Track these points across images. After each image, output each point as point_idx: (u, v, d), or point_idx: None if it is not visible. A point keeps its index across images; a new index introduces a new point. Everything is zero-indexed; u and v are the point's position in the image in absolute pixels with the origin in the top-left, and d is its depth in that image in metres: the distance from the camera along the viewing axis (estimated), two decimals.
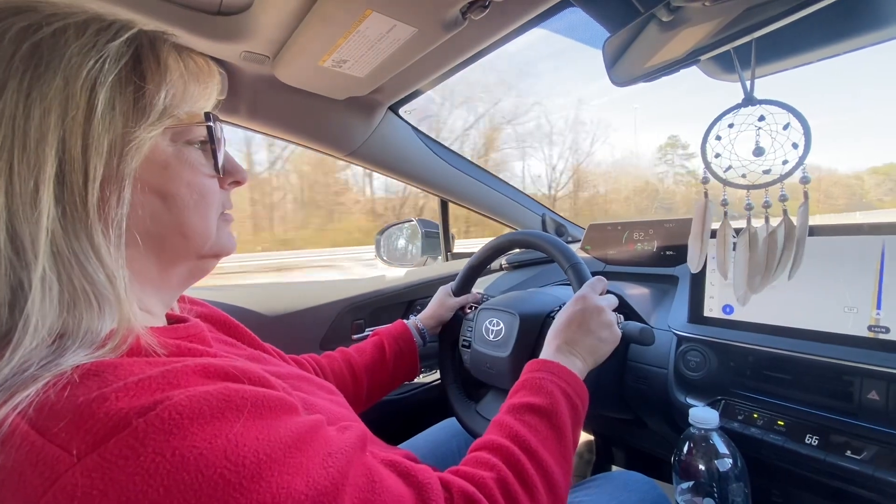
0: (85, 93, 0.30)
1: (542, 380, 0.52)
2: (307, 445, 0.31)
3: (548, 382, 0.52)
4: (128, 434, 0.25)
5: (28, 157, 0.29)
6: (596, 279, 0.67)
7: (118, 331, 0.30)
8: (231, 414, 0.28)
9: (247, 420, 0.29)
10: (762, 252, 0.52)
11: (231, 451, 0.27)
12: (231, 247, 0.43)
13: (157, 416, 0.25)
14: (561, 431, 0.49)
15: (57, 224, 0.30)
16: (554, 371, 0.54)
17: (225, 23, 0.69)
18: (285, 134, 0.99)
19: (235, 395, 0.29)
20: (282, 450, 0.29)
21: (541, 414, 0.49)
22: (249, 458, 0.27)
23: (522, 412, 0.49)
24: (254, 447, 0.28)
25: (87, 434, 0.24)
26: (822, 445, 0.59)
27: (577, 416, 0.52)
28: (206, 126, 0.38)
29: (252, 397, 0.30)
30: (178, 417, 0.26)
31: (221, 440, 0.27)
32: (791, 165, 0.49)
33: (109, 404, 0.25)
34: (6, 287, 0.28)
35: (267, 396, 0.31)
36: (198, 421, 0.26)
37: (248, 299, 0.99)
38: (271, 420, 0.30)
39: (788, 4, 0.46)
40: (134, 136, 0.32)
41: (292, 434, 0.30)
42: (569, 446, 0.49)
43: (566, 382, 0.53)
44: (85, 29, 0.32)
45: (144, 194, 0.35)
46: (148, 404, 0.26)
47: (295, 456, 0.30)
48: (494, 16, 0.65)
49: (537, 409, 0.49)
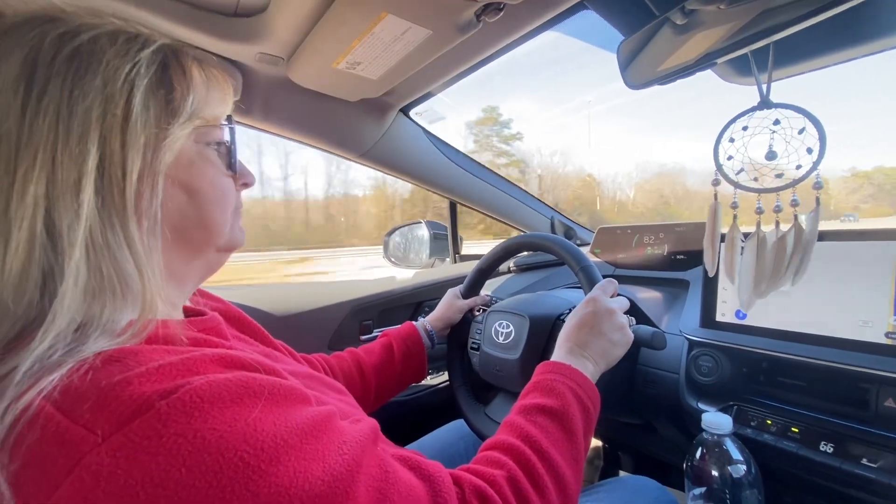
0: (123, 94, 0.32)
1: (553, 381, 0.52)
2: (322, 433, 0.32)
3: (559, 384, 0.52)
4: (151, 416, 0.25)
5: (71, 150, 0.30)
6: (607, 281, 0.67)
7: (139, 320, 0.31)
8: (249, 400, 0.29)
9: (264, 406, 0.29)
10: (770, 257, 0.51)
11: (250, 434, 0.27)
12: (241, 240, 0.45)
13: (179, 398, 0.26)
14: (572, 433, 0.49)
15: (95, 214, 0.31)
16: (566, 373, 0.54)
17: (241, 24, 0.70)
18: (298, 135, 1.00)
19: (253, 382, 0.30)
20: (298, 436, 0.30)
21: (552, 415, 0.49)
22: (268, 443, 0.28)
23: (534, 413, 0.49)
24: (272, 432, 0.28)
25: (112, 415, 0.25)
26: (837, 453, 0.58)
27: (588, 418, 0.52)
28: (229, 128, 0.41)
29: (269, 385, 0.31)
30: (199, 401, 0.27)
31: (241, 424, 0.28)
32: (805, 170, 0.48)
33: (133, 388, 0.26)
34: (39, 273, 0.29)
35: (282, 385, 0.32)
36: (218, 405, 0.27)
37: (257, 299, 1.00)
38: (287, 407, 0.31)
39: (805, 8, 0.45)
40: (167, 135, 0.35)
41: (307, 422, 0.31)
42: (580, 449, 0.49)
43: (578, 385, 0.53)
44: (116, 38, 0.34)
45: (173, 189, 0.37)
46: (169, 388, 0.27)
47: (311, 442, 0.30)
48: (509, 18, 0.65)
49: (549, 411, 0.49)
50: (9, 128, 0.29)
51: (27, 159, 0.29)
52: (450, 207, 1.41)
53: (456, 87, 0.96)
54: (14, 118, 0.30)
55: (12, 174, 0.29)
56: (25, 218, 0.29)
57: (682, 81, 0.60)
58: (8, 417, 0.25)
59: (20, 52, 0.30)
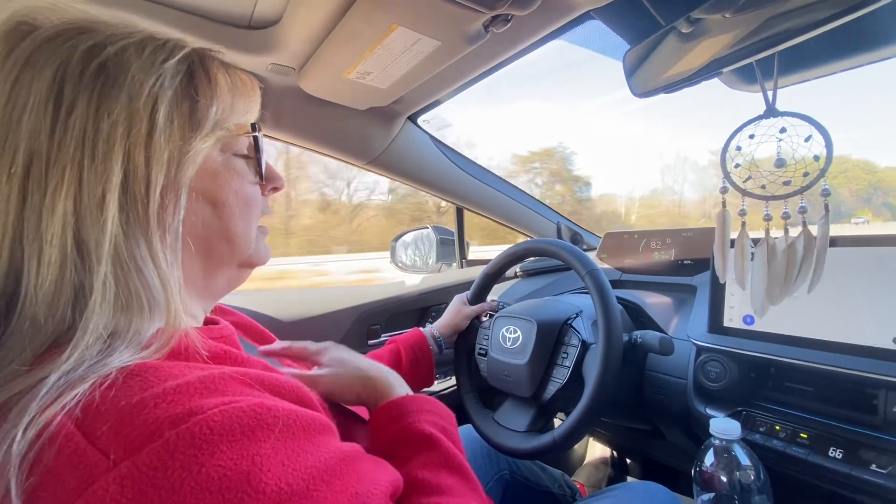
0: (147, 109, 0.33)
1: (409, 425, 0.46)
2: (335, 478, 0.30)
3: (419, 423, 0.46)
4: (159, 445, 0.25)
5: (96, 167, 0.31)
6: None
7: (164, 332, 0.32)
8: (261, 432, 0.28)
9: (276, 440, 0.28)
10: (781, 263, 0.52)
11: (254, 475, 0.26)
12: (266, 257, 0.45)
13: (189, 430, 0.26)
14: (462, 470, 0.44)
15: (120, 230, 0.31)
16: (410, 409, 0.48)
17: (255, 36, 0.72)
18: (307, 143, 1.01)
19: (268, 413, 0.29)
20: (305, 481, 0.28)
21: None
22: (270, 487, 0.26)
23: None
24: (277, 475, 0.27)
25: (125, 440, 0.25)
26: (846, 459, 0.58)
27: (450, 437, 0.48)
28: (253, 136, 0.41)
29: (284, 416, 0.30)
30: (209, 433, 0.26)
31: (246, 463, 0.26)
32: (812, 178, 0.49)
33: (148, 412, 0.26)
34: (70, 289, 0.30)
35: (300, 416, 0.31)
36: (227, 438, 0.27)
37: (264, 305, 1.01)
38: (303, 442, 0.30)
39: (810, 17, 0.46)
40: (190, 148, 0.35)
41: (321, 464, 0.30)
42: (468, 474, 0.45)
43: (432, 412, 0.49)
44: (143, 49, 0.34)
45: (197, 202, 0.37)
46: (182, 414, 0.26)
47: (320, 489, 0.29)
48: (516, 29, 0.66)
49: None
50: (40, 145, 0.30)
51: (56, 176, 0.30)
52: (456, 213, 1.42)
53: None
54: (45, 136, 0.30)
55: (43, 191, 0.30)
56: (56, 234, 0.30)
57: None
58: (30, 432, 0.25)
59: (50, 69, 0.31)
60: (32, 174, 0.30)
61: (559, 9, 0.65)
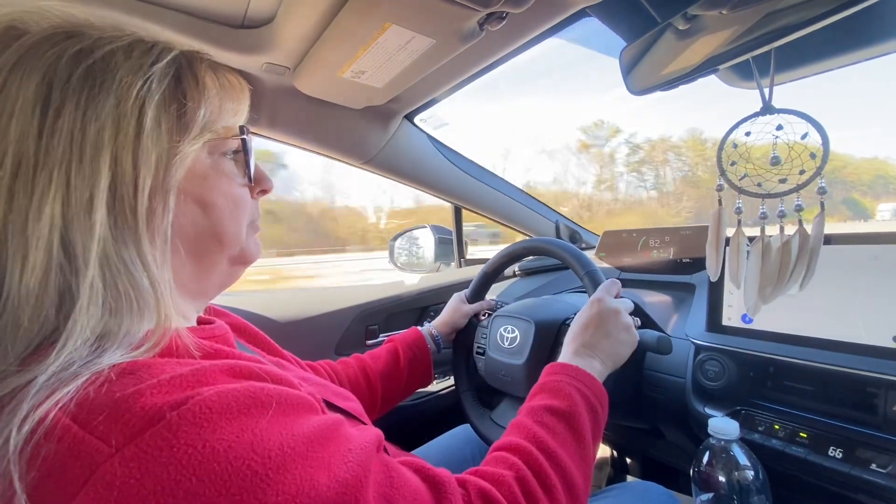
0: (135, 112, 0.33)
1: (560, 382, 0.53)
2: (329, 441, 0.32)
3: (566, 385, 0.52)
4: (162, 427, 0.26)
5: (84, 170, 0.31)
6: (610, 282, 0.67)
7: (155, 333, 0.32)
8: (257, 410, 0.30)
9: (272, 416, 0.30)
10: (775, 262, 0.52)
11: (257, 444, 0.28)
12: (257, 254, 0.45)
13: (189, 409, 0.27)
14: (580, 434, 0.49)
15: (108, 233, 0.31)
16: (572, 374, 0.54)
17: (248, 36, 0.71)
18: (303, 143, 1.01)
19: (261, 392, 0.31)
20: (305, 444, 0.30)
21: (560, 416, 0.49)
22: (275, 451, 0.28)
23: (542, 414, 0.49)
24: (278, 441, 0.29)
25: (125, 426, 0.26)
26: (845, 458, 0.58)
27: (596, 419, 0.52)
28: (241, 139, 0.41)
29: (276, 395, 0.32)
30: (209, 412, 0.28)
31: (248, 434, 0.28)
32: (808, 175, 0.48)
33: (145, 399, 0.27)
34: (55, 292, 0.30)
35: (290, 395, 0.33)
36: (226, 415, 0.28)
37: (262, 305, 1.01)
38: (294, 417, 0.32)
39: (807, 13, 0.46)
40: (178, 151, 0.35)
41: (314, 430, 0.32)
42: (589, 450, 0.49)
43: (585, 385, 0.53)
44: (131, 52, 0.34)
45: (186, 203, 0.37)
46: (180, 399, 0.27)
47: (317, 450, 0.31)
48: (511, 27, 0.66)
49: (556, 412, 0.49)
50: (27, 149, 0.30)
51: (43, 180, 0.30)
52: (454, 212, 1.42)
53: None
54: (32, 140, 0.30)
55: (30, 195, 0.30)
56: (42, 238, 0.30)
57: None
58: (25, 427, 0.25)
59: (38, 74, 0.31)
60: (20, 178, 0.30)
61: (555, 6, 0.64)
